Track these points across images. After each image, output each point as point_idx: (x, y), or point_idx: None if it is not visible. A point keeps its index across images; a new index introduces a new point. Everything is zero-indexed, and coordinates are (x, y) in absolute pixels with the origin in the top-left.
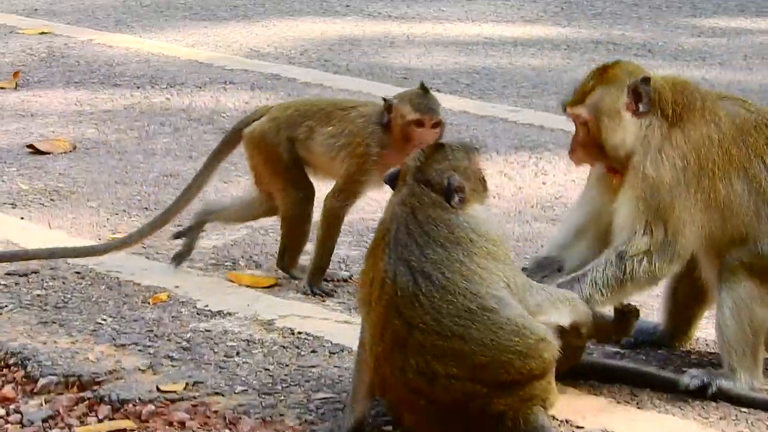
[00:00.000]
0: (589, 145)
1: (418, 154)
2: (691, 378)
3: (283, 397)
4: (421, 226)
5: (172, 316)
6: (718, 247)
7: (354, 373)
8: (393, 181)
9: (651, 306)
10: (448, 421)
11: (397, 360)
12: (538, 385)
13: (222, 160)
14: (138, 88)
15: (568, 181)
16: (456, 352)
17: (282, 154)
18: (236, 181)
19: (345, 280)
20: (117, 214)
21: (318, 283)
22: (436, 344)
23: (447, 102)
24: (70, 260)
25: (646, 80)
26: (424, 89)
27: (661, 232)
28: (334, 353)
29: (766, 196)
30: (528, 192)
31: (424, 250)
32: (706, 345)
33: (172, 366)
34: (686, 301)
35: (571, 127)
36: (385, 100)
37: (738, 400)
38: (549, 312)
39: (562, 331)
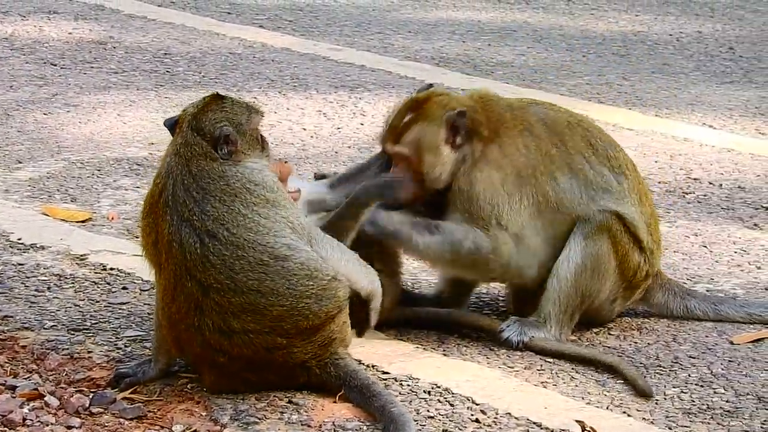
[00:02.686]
0: (415, 179)
1: (197, 103)
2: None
3: (92, 334)
4: (197, 181)
5: None
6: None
7: (156, 325)
8: (173, 128)
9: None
10: (250, 375)
11: (192, 319)
12: (335, 327)
13: None
14: None
15: None
16: (254, 306)
17: None
18: None
19: None
20: None
21: None
22: (232, 301)
23: (270, 39)
24: None
25: (462, 114)
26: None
27: (503, 238)
28: (144, 290)
29: (594, 185)
30: (346, 132)
31: (203, 206)
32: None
33: None
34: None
35: (394, 68)
36: None
37: (544, 350)
38: (337, 263)
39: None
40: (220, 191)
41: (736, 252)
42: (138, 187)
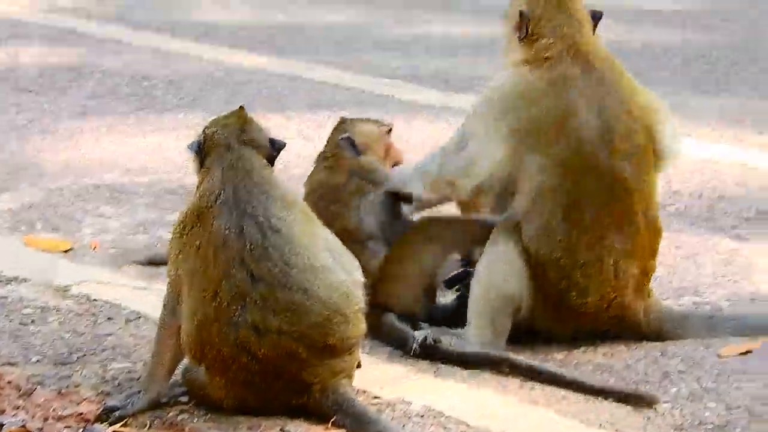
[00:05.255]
0: None
1: (226, 121)
2: (419, 334)
3: (78, 367)
4: (259, 186)
5: None
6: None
7: (152, 354)
8: (200, 150)
9: None
10: (261, 384)
11: (232, 314)
12: (349, 359)
13: None
14: None
15: None
16: (296, 306)
17: None
18: None
19: None
20: None
21: None
22: (278, 297)
23: (245, 59)
24: None
25: (524, 16)
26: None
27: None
28: (130, 320)
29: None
30: None
31: (267, 206)
32: None
33: None
34: None
35: (368, 86)
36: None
37: (456, 357)
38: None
39: None
40: (281, 198)
41: (719, 263)
42: (120, 215)
